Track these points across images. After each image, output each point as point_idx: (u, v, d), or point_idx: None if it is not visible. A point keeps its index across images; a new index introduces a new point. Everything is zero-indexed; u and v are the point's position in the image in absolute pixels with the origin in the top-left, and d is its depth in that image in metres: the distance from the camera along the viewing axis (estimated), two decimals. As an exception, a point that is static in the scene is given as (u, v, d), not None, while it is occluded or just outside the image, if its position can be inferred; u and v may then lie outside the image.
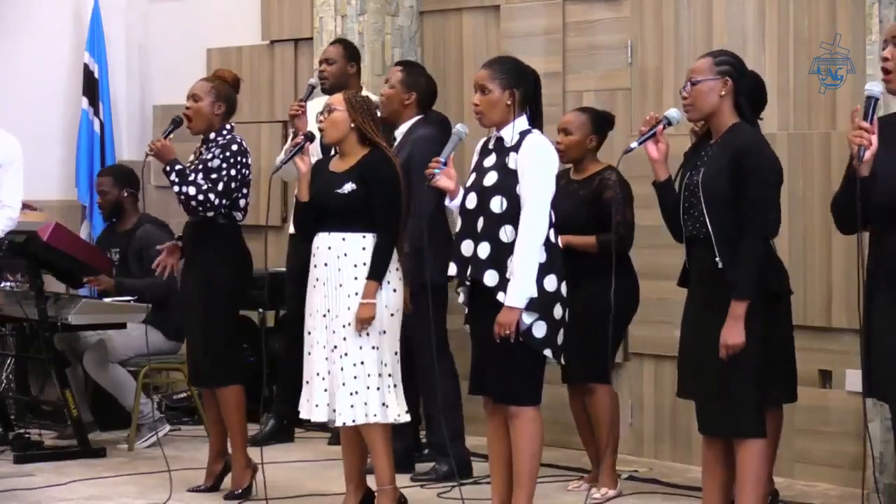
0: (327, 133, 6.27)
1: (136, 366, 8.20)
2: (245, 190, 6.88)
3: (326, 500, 6.80)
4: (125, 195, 8.53)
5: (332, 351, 6.15)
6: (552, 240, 5.75)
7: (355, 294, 6.13)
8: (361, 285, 6.12)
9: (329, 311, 6.18)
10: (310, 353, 6.26)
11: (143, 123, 10.41)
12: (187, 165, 6.83)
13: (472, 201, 5.82)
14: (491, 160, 5.85)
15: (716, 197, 5.37)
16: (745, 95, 5.51)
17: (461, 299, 5.95)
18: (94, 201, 9.32)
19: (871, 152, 5.14)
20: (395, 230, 6.20)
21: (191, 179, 6.74)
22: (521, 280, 5.65)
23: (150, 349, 8.02)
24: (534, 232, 5.68)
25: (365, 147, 6.26)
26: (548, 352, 5.76)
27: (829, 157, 7.10)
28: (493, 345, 5.71)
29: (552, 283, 5.72)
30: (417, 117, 7.29)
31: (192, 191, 6.73)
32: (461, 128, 6.00)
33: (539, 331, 5.71)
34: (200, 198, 6.73)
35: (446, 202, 5.93)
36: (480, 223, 5.77)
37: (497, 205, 5.73)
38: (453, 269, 5.85)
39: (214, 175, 6.77)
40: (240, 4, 9.81)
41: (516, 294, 5.65)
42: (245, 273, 6.96)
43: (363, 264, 6.14)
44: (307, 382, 6.26)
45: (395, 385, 6.20)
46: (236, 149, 6.84)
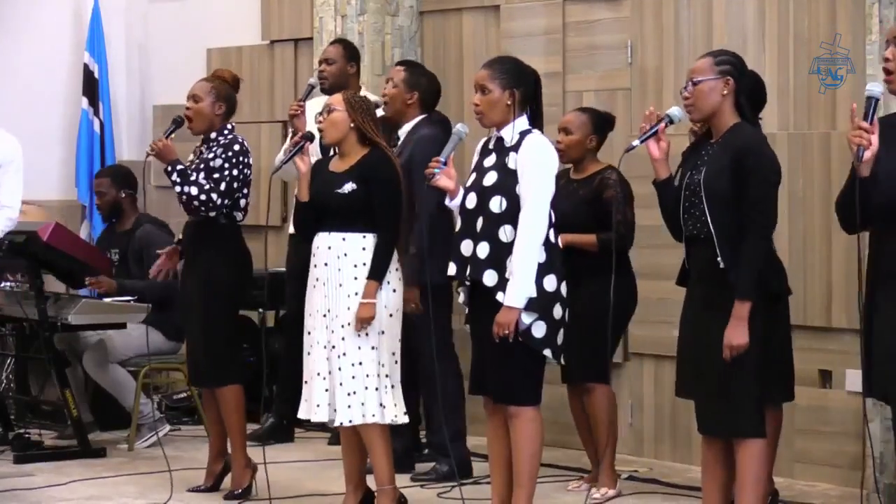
0: (327, 133, 6.27)
1: (136, 366, 8.19)
2: (246, 190, 6.88)
3: (326, 500, 6.80)
4: (123, 196, 8.53)
5: (332, 350, 6.15)
6: (552, 240, 5.75)
7: (355, 294, 6.13)
8: (361, 285, 6.12)
9: (329, 310, 6.18)
10: (309, 353, 6.26)
11: (143, 123, 10.41)
12: (188, 165, 6.84)
13: (472, 201, 5.82)
14: (491, 160, 5.85)
15: (717, 196, 5.36)
16: (745, 95, 5.51)
17: (461, 299, 5.95)
18: (93, 201, 9.31)
19: (871, 152, 5.14)
20: (396, 230, 6.19)
21: (193, 179, 6.74)
22: (520, 280, 5.65)
23: (150, 349, 8.03)
24: (533, 232, 5.67)
25: (365, 147, 6.26)
26: (547, 352, 5.75)
27: (829, 157, 7.10)
28: (493, 345, 5.71)
29: (552, 283, 5.71)
30: (420, 117, 7.29)
31: (195, 191, 6.73)
32: (461, 127, 6.00)
33: (538, 331, 5.71)
34: (203, 198, 6.73)
35: (446, 202, 5.92)
36: (480, 223, 5.77)
37: (496, 205, 5.73)
38: (452, 269, 5.85)
39: (217, 175, 6.77)
40: (240, 4, 9.81)
41: (515, 294, 5.64)
42: (245, 273, 6.96)
43: (363, 264, 6.14)
44: (306, 382, 6.26)
45: (393, 386, 6.20)
46: (238, 149, 6.84)
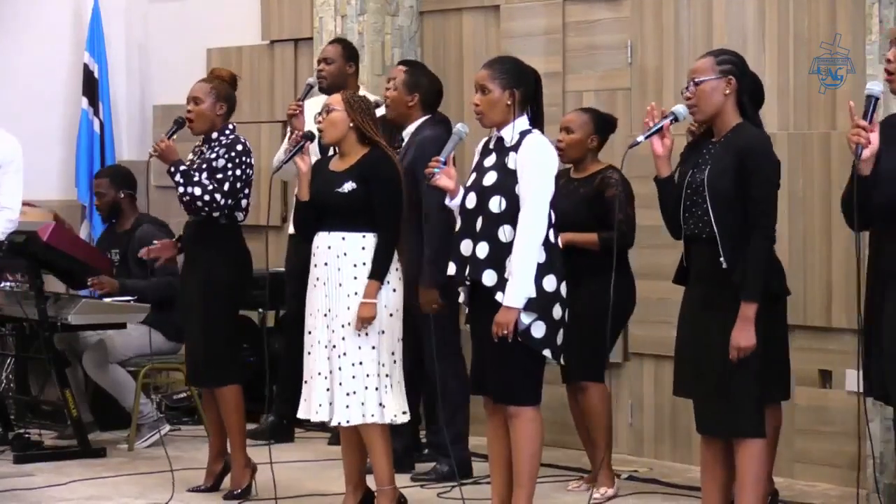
0: (326, 133, 6.27)
1: (136, 366, 8.20)
2: (247, 190, 6.88)
3: (326, 500, 6.80)
4: (122, 196, 8.52)
5: (332, 350, 6.15)
6: (552, 240, 5.74)
7: (355, 294, 6.12)
8: (361, 285, 6.11)
9: (329, 310, 6.17)
10: (310, 353, 6.25)
11: (143, 123, 10.41)
12: (189, 165, 6.83)
13: (472, 201, 5.81)
14: (491, 160, 5.85)
15: (721, 196, 5.34)
16: (747, 94, 5.48)
17: (461, 299, 5.95)
18: (93, 201, 9.31)
19: (870, 151, 5.14)
20: (396, 230, 6.19)
21: (196, 180, 6.74)
22: (520, 280, 5.64)
23: (150, 349, 8.04)
24: (532, 232, 5.67)
25: (364, 146, 6.25)
26: (547, 352, 5.75)
27: (829, 157, 7.09)
28: (493, 345, 5.70)
29: (551, 283, 5.71)
30: (424, 118, 7.27)
31: (198, 191, 6.73)
32: (461, 127, 6.00)
33: (538, 331, 5.70)
34: (206, 198, 6.72)
35: (446, 201, 5.92)
36: (479, 223, 5.77)
37: (496, 204, 5.73)
38: (452, 269, 5.85)
39: (220, 175, 6.76)
40: (240, 4, 9.81)
41: (514, 294, 5.64)
42: (245, 273, 6.96)
43: (363, 264, 6.14)
44: (306, 382, 6.26)
45: (393, 385, 6.20)
46: (241, 149, 6.84)
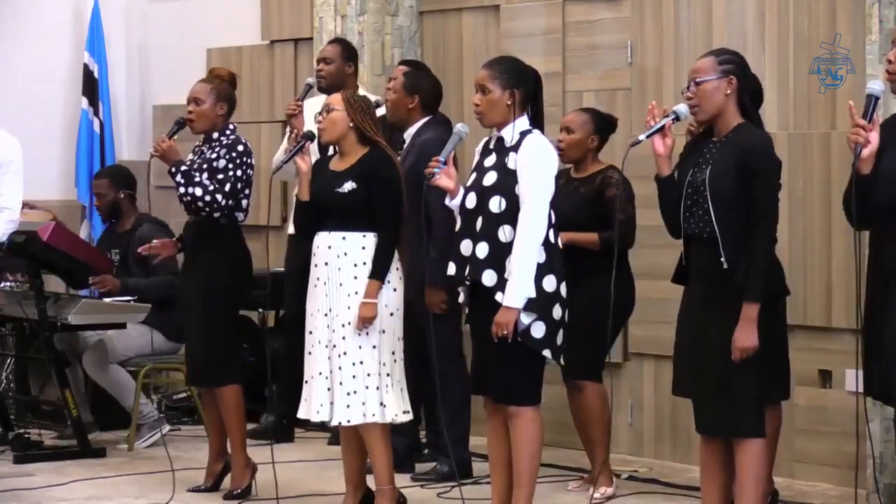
0: (326, 132, 6.26)
1: (136, 366, 8.20)
2: (248, 190, 6.88)
3: (326, 500, 6.79)
4: (122, 196, 8.52)
5: (332, 350, 6.15)
6: (552, 240, 5.74)
7: (355, 293, 6.12)
8: (361, 284, 6.11)
9: (330, 310, 6.17)
10: (311, 353, 6.25)
11: (143, 123, 10.42)
12: (190, 165, 6.82)
13: (472, 201, 5.81)
14: (491, 160, 5.85)
15: (722, 196, 5.32)
16: (748, 94, 5.47)
17: (461, 299, 5.95)
18: (93, 201, 9.31)
19: (869, 150, 5.15)
20: (396, 229, 6.19)
21: (197, 180, 6.74)
22: (519, 280, 5.64)
23: (150, 349, 8.04)
24: (532, 232, 5.67)
25: (364, 146, 6.25)
26: (546, 352, 5.74)
27: (829, 157, 7.09)
28: (493, 345, 5.70)
29: (551, 283, 5.71)
30: (425, 119, 7.27)
31: (199, 192, 6.73)
32: (461, 127, 6.00)
33: (538, 331, 5.70)
34: (207, 199, 6.72)
35: (446, 201, 5.92)
36: (479, 223, 5.76)
37: (496, 205, 5.73)
38: (452, 269, 5.84)
39: (221, 176, 6.76)
40: (240, 4, 9.81)
41: (514, 294, 5.63)
42: (245, 273, 6.95)
43: (363, 263, 6.14)
44: (307, 382, 6.26)
45: (394, 384, 6.19)
46: (242, 149, 6.84)
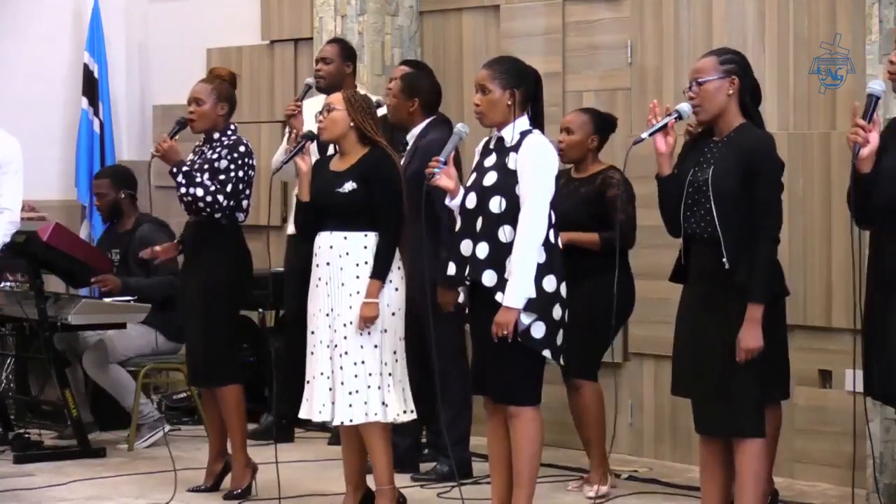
0: (327, 131, 6.26)
1: (136, 366, 8.19)
2: (248, 191, 6.88)
3: (326, 500, 6.79)
4: (123, 196, 8.52)
5: (334, 350, 6.14)
6: (552, 240, 5.74)
7: (357, 293, 6.12)
8: (363, 284, 6.11)
9: (332, 310, 6.16)
10: (312, 353, 6.24)
11: (143, 123, 10.41)
12: (190, 165, 6.82)
13: (472, 201, 5.81)
14: (491, 160, 5.84)
15: (725, 196, 5.31)
16: (750, 94, 5.46)
17: (461, 299, 5.94)
18: (93, 201, 9.31)
19: (868, 150, 5.15)
20: (397, 229, 6.18)
21: (198, 181, 6.74)
22: (519, 280, 5.64)
23: (150, 349, 8.04)
24: (532, 232, 5.66)
25: (365, 146, 6.25)
26: (546, 352, 5.74)
27: (829, 157, 7.09)
28: (493, 345, 5.70)
29: (551, 283, 5.70)
30: (427, 121, 7.27)
31: (200, 192, 6.72)
32: (461, 127, 6.00)
33: (538, 331, 5.70)
34: (209, 199, 6.72)
35: (446, 201, 5.92)
36: (479, 223, 5.76)
37: (496, 205, 5.72)
38: (452, 269, 5.84)
39: (222, 176, 6.76)
40: (240, 4, 9.81)
41: (514, 294, 5.63)
42: (245, 273, 6.95)
43: (365, 263, 6.14)
44: (308, 382, 6.25)
45: (395, 384, 6.18)
46: (243, 150, 6.84)
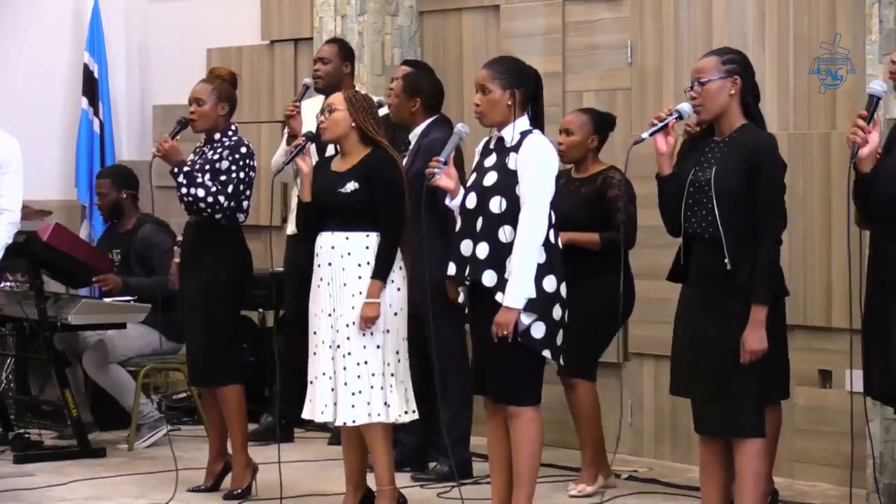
0: (328, 132, 6.25)
1: (136, 366, 8.19)
2: (249, 192, 6.89)
3: (326, 500, 6.79)
4: (124, 196, 8.53)
5: (337, 350, 6.14)
6: (552, 240, 5.74)
7: (359, 293, 6.11)
8: (365, 284, 6.10)
9: (334, 310, 6.16)
10: (315, 353, 6.23)
11: (143, 123, 10.41)
12: (191, 165, 6.82)
13: (472, 201, 5.81)
14: (491, 160, 5.85)
15: (727, 197, 5.30)
16: (751, 94, 5.44)
17: (461, 299, 5.94)
18: (93, 202, 9.31)
19: (868, 149, 5.15)
20: (399, 229, 6.18)
21: (199, 181, 6.74)
22: (520, 280, 5.64)
23: (150, 349, 8.03)
24: (533, 232, 5.67)
25: (367, 146, 6.24)
26: (546, 352, 5.74)
27: (829, 157, 7.09)
28: (493, 345, 5.70)
29: (551, 283, 5.70)
30: (429, 120, 7.27)
31: (201, 193, 6.73)
32: (461, 127, 6.00)
33: (538, 331, 5.70)
34: (210, 200, 6.72)
35: (447, 201, 5.92)
36: (479, 223, 5.76)
37: (496, 205, 5.73)
38: (452, 269, 5.84)
39: (224, 177, 6.76)
40: (240, 4, 9.81)
41: (514, 294, 5.63)
42: (246, 273, 6.95)
43: (367, 263, 6.13)
44: (311, 382, 6.24)
45: (397, 384, 6.17)
46: (245, 151, 6.84)
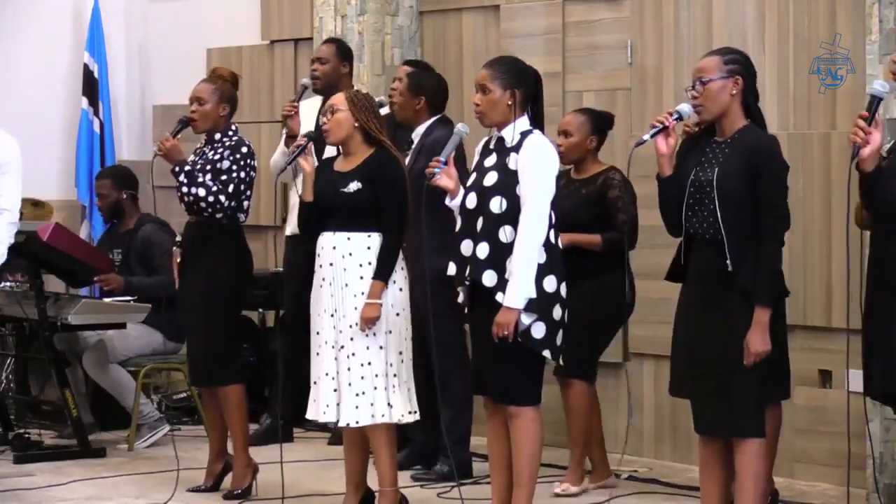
0: (332, 133, 6.24)
1: (136, 366, 8.20)
2: (249, 192, 6.89)
3: (326, 500, 6.79)
4: (124, 196, 8.53)
5: (340, 350, 6.14)
6: (552, 240, 5.74)
7: (361, 294, 6.10)
8: (367, 285, 6.10)
9: (336, 310, 6.15)
10: (318, 354, 6.22)
11: (143, 123, 10.41)
12: (192, 165, 6.82)
13: (472, 201, 5.81)
14: (491, 160, 5.85)
15: (730, 197, 5.29)
16: (752, 94, 5.44)
17: (461, 299, 5.94)
18: (93, 202, 9.31)
19: (870, 149, 5.16)
20: (401, 230, 6.17)
21: (200, 181, 6.74)
22: (520, 280, 5.64)
23: (150, 349, 8.03)
24: (533, 232, 5.67)
25: (370, 146, 6.23)
26: (546, 353, 5.74)
27: (829, 157, 7.09)
28: (493, 345, 5.70)
29: (551, 283, 5.71)
30: (432, 119, 7.28)
31: (202, 192, 6.73)
32: (462, 127, 6.00)
33: (538, 331, 5.70)
34: (210, 199, 6.73)
35: (447, 201, 5.92)
36: (480, 223, 5.77)
37: (497, 205, 5.73)
38: (452, 269, 5.84)
39: (224, 177, 6.77)
40: (240, 4, 9.81)
41: (514, 294, 5.63)
42: (246, 273, 6.96)
43: (368, 264, 6.13)
44: (315, 383, 6.24)
45: (400, 385, 6.17)
46: (246, 151, 6.84)
